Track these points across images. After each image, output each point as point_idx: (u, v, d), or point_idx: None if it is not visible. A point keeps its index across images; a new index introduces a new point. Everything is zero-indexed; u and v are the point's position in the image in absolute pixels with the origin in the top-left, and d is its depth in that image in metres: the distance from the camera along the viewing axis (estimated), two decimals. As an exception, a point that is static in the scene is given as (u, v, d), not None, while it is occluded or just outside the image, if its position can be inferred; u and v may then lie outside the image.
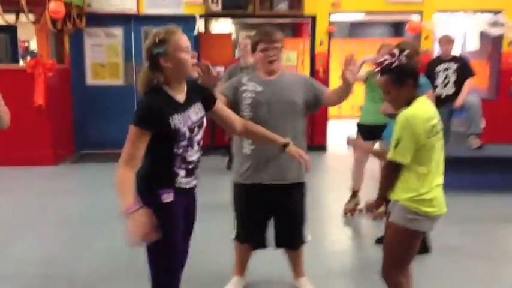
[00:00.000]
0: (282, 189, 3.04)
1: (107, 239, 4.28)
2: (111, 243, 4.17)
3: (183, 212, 2.34)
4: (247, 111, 2.97)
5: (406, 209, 2.46)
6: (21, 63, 9.51)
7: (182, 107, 2.26)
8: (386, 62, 2.51)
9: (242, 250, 3.27)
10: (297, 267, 3.35)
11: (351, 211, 4.92)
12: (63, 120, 7.60)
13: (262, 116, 2.93)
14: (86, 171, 6.97)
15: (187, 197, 2.39)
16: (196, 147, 2.32)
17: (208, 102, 2.44)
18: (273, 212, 3.14)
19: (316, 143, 8.12)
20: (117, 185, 2.10)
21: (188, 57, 2.25)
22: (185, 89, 2.32)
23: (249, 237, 3.21)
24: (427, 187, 2.45)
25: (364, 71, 4.74)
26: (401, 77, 2.48)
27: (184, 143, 2.24)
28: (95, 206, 5.22)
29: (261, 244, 3.22)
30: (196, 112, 2.32)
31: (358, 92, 5.08)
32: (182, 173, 2.28)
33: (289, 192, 3.08)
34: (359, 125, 4.85)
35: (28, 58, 9.18)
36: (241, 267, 3.32)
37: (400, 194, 2.49)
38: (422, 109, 2.47)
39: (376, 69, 2.60)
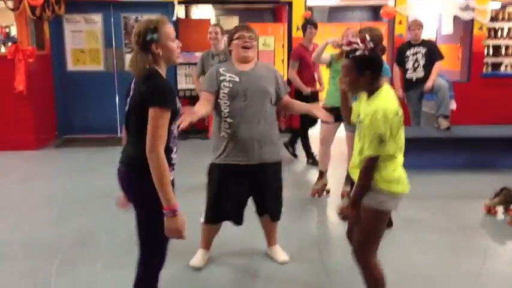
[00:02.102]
0: (258, 168, 3.28)
1: (89, 218, 4.50)
2: (93, 222, 4.39)
3: None
4: (225, 99, 3.23)
5: (375, 191, 2.59)
6: (2, 49, 9.56)
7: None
8: (355, 46, 2.60)
9: (210, 229, 3.52)
10: (271, 237, 3.67)
11: (318, 192, 5.13)
12: (45, 105, 7.72)
13: (238, 103, 3.20)
14: (68, 155, 7.12)
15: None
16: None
17: None
18: (251, 190, 3.37)
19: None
20: (160, 176, 2.21)
21: (175, 46, 2.41)
22: None
23: (223, 216, 3.41)
24: (393, 167, 2.62)
25: (328, 54, 4.92)
26: (361, 66, 2.57)
27: (176, 120, 2.44)
28: (76, 188, 5.41)
29: (237, 221, 3.43)
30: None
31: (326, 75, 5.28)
32: (174, 148, 2.45)
33: (266, 171, 3.33)
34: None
35: (9, 44, 9.22)
36: (208, 242, 3.58)
37: None
38: (391, 102, 2.59)
39: (345, 48, 2.67)
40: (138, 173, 2.31)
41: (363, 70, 2.58)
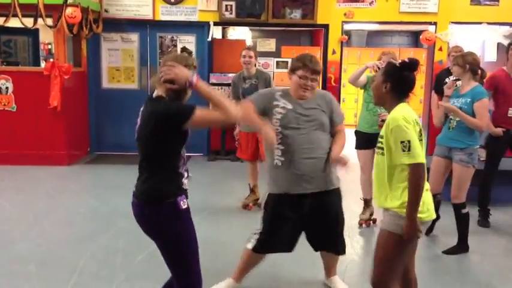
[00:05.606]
0: (316, 196, 3.13)
1: (108, 238, 4.41)
2: (111, 242, 4.31)
3: None
4: (277, 125, 3.11)
5: (397, 216, 2.48)
6: (43, 65, 9.78)
7: None
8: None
9: (255, 258, 3.29)
10: (331, 268, 3.48)
11: (365, 222, 4.85)
12: (78, 121, 7.80)
13: (290, 131, 3.08)
14: (98, 172, 7.13)
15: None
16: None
17: None
18: (309, 220, 3.19)
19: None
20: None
21: None
22: None
23: (273, 247, 3.24)
24: None
25: (365, 76, 4.75)
26: (388, 74, 2.60)
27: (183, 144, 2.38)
28: (100, 206, 5.36)
29: (289, 250, 3.28)
30: None
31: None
32: (185, 173, 2.40)
33: (324, 199, 3.17)
34: (357, 133, 4.86)
35: (50, 60, 9.43)
36: (243, 274, 3.35)
37: (391, 202, 2.51)
38: (408, 111, 2.52)
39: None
40: (155, 204, 2.30)
41: (387, 79, 2.58)
